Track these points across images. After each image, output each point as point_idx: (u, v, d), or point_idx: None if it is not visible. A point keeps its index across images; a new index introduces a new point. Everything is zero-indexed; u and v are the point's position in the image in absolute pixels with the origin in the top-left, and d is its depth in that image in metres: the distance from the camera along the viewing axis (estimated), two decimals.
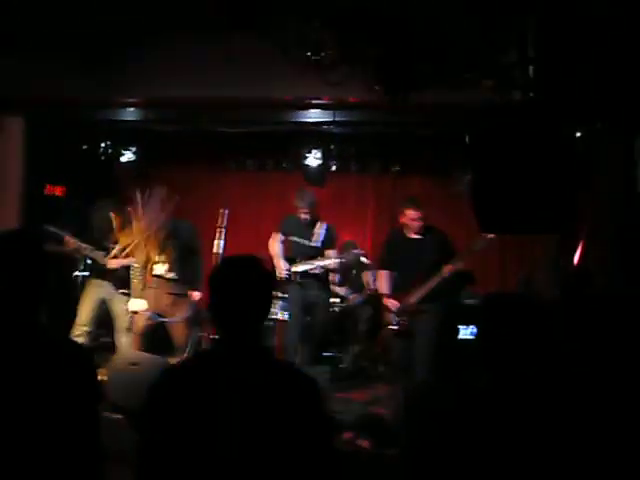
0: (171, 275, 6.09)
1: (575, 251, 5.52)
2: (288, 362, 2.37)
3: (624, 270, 4.64)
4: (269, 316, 2.29)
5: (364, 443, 4.69)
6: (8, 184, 6.55)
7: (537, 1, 3.82)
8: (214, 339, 2.32)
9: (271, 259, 6.45)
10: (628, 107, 4.10)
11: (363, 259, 7.74)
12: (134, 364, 5.08)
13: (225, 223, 6.31)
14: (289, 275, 6.33)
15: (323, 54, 4.23)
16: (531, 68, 4.01)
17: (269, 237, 6.68)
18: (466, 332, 6.59)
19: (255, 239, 8.07)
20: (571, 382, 2.10)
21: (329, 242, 6.44)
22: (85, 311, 6.23)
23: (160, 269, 6.08)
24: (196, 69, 5.73)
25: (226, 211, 6.32)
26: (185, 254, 6.10)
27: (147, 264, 6.08)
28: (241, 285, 2.14)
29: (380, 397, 6.27)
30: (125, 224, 6.18)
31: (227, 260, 2.28)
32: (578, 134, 4.51)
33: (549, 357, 2.17)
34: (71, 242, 6.15)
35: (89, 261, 6.42)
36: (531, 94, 3.99)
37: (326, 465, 2.10)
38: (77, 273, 6.92)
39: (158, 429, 2.05)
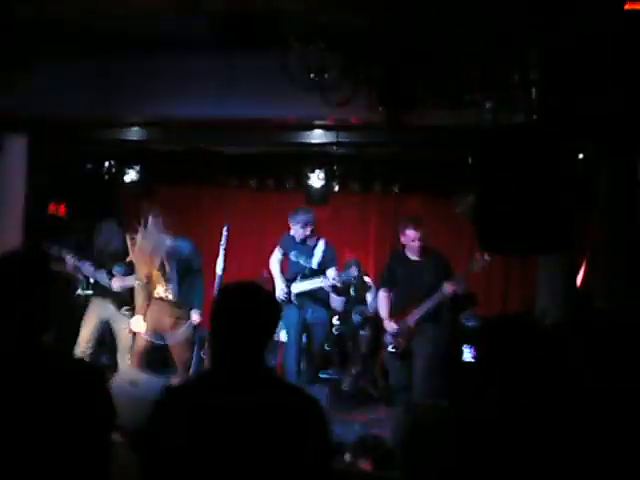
0: (171, 296, 6.07)
1: (578, 273, 5.51)
2: (291, 383, 2.37)
3: (627, 291, 4.64)
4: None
5: (364, 465, 4.65)
6: (11, 202, 6.56)
7: (540, 24, 3.85)
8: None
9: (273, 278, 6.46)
10: (630, 128, 4.12)
11: (366, 279, 7.74)
12: (134, 384, 5.06)
13: (226, 242, 6.31)
14: (287, 296, 6.32)
15: (326, 75, 4.25)
16: (533, 90, 4.03)
17: (269, 257, 6.68)
18: (470, 353, 6.57)
19: (256, 259, 8.06)
20: (577, 402, 2.09)
21: (328, 261, 6.41)
22: (87, 330, 6.23)
23: (161, 290, 6.07)
24: (199, 89, 5.75)
25: (227, 230, 6.32)
26: (186, 274, 6.09)
27: (149, 284, 6.07)
28: (242, 314, 2.14)
29: (380, 418, 6.24)
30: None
31: (228, 288, 2.27)
32: (580, 156, 4.53)
33: (552, 378, 2.16)
34: (72, 263, 6.16)
35: (92, 280, 6.41)
36: (534, 116, 4.00)
37: None
38: (79, 292, 6.91)
39: (159, 448, 2.04)
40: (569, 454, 2.02)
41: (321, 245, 6.41)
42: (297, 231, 6.32)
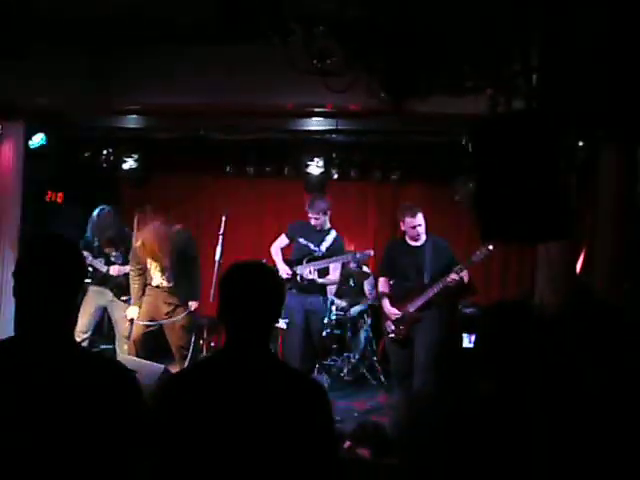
0: (169, 284, 6.07)
1: (577, 260, 5.50)
2: (295, 369, 2.38)
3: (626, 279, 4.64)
4: None
5: (363, 452, 4.65)
6: (8, 190, 6.54)
7: (541, 11, 3.82)
8: (216, 346, 2.32)
9: (273, 262, 6.42)
10: (631, 117, 4.10)
11: (365, 268, 7.74)
12: (133, 371, 5.05)
13: (224, 230, 6.30)
14: (291, 276, 6.28)
15: (328, 61, 4.22)
16: (534, 77, 4.01)
17: (268, 245, 6.65)
18: (470, 340, 6.58)
19: (254, 247, 8.06)
20: (574, 391, 2.09)
21: (337, 250, 6.40)
22: (85, 318, 6.22)
23: (158, 278, 6.07)
24: (197, 75, 5.71)
25: (225, 218, 6.32)
26: (183, 262, 6.08)
27: (144, 270, 6.07)
28: (254, 290, 2.16)
29: (380, 406, 6.26)
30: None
31: (239, 265, 2.26)
32: (580, 143, 4.50)
33: (551, 365, 2.16)
34: None
35: (89, 268, 6.39)
36: (534, 103, 3.98)
37: (329, 471, 2.10)
38: None
39: (168, 434, 2.03)
40: (567, 442, 2.03)
41: (333, 233, 6.41)
42: (319, 219, 6.30)
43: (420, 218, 5.81)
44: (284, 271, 6.24)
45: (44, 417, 1.87)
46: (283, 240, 6.52)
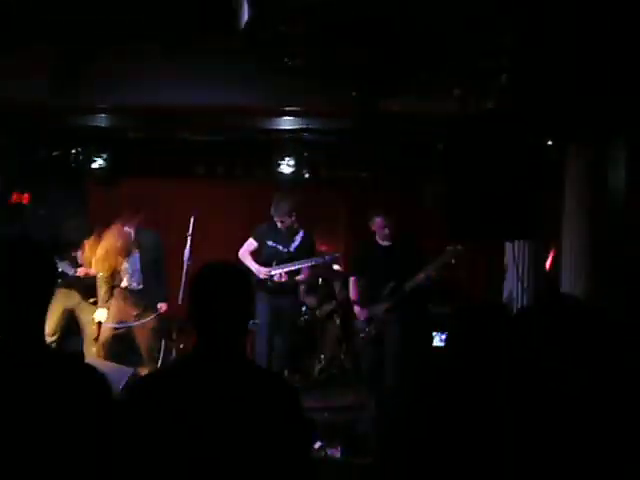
0: (138, 286, 6.04)
1: (546, 258, 5.56)
2: (267, 369, 2.38)
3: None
4: None
5: (334, 452, 4.66)
6: None
7: (512, 11, 3.85)
8: (186, 348, 2.30)
9: (243, 265, 6.38)
10: (599, 115, 4.14)
11: (335, 267, 7.73)
12: (102, 373, 5.00)
13: (193, 231, 6.27)
14: (267, 276, 6.24)
15: (299, 60, 4.20)
16: (504, 77, 4.04)
17: (238, 245, 6.61)
18: (440, 339, 6.59)
19: (224, 247, 8.00)
20: (544, 389, 2.10)
21: (305, 250, 6.39)
22: (53, 321, 6.14)
23: (127, 280, 6.03)
24: (166, 75, 5.66)
25: (193, 219, 6.29)
26: (151, 264, 6.05)
27: (113, 274, 6.02)
28: (225, 291, 2.13)
29: (350, 405, 6.25)
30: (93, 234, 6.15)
31: (211, 266, 2.23)
32: (549, 142, 4.54)
33: (521, 364, 2.17)
34: None
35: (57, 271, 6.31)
36: (504, 103, 4.01)
37: (302, 471, 2.10)
38: None
39: (138, 435, 2.01)
40: (535, 437, 2.04)
41: (301, 233, 6.39)
42: (285, 221, 6.27)
43: (390, 219, 5.84)
44: (260, 271, 6.20)
45: (14, 419, 1.85)
46: (251, 244, 6.49)
